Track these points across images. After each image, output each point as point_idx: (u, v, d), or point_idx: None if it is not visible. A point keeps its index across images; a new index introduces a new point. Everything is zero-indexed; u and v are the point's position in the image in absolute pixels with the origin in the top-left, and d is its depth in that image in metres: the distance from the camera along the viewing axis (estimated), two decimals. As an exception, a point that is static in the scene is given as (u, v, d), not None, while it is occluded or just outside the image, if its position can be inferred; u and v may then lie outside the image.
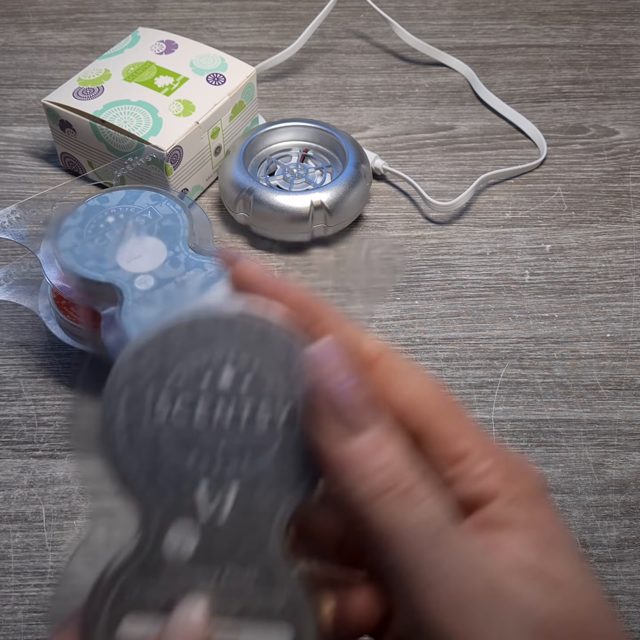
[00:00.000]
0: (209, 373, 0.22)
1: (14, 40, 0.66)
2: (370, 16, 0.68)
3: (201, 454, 0.22)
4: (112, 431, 0.22)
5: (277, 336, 0.22)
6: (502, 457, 0.22)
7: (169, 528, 0.22)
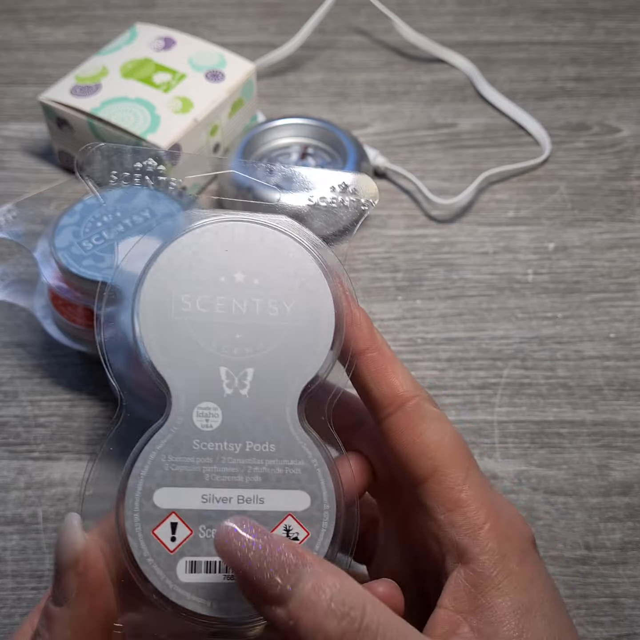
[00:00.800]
0: (223, 277, 0.26)
1: (10, 37, 0.66)
2: (371, 12, 0.67)
3: (220, 345, 0.25)
4: (138, 326, 0.25)
5: (285, 247, 0.26)
6: (498, 512, 0.24)
7: (194, 409, 0.25)
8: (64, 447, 0.42)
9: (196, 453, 0.24)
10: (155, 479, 0.24)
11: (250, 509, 0.24)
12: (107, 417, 0.43)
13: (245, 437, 0.25)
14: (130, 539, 0.23)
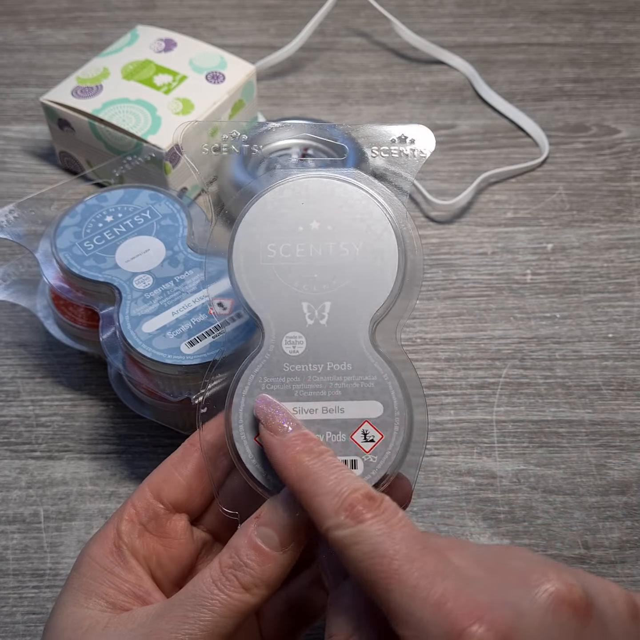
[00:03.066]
0: (300, 226, 0.30)
1: (12, 39, 0.66)
2: (371, 14, 0.67)
3: (301, 283, 0.30)
4: (234, 273, 0.30)
5: (355, 198, 0.31)
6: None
7: (283, 338, 0.29)
8: (66, 446, 0.42)
9: (286, 374, 0.29)
10: (254, 396, 0.29)
11: (333, 417, 0.29)
12: (108, 416, 0.43)
13: (326, 359, 0.29)
14: (237, 444, 0.28)
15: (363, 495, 0.24)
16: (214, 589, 0.26)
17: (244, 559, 0.26)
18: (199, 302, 0.38)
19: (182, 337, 0.37)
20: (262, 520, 0.27)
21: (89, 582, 0.28)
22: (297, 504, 0.26)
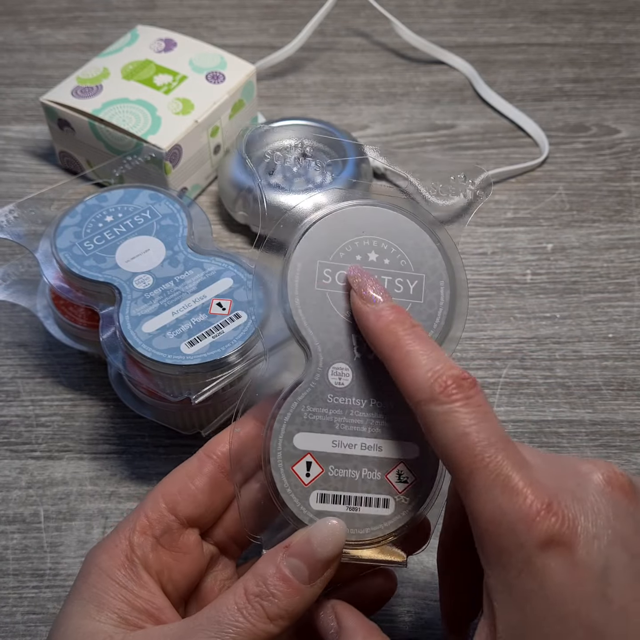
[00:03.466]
0: (359, 256, 0.30)
1: (12, 39, 0.66)
2: (371, 14, 0.67)
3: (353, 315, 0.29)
4: (287, 296, 0.29)
5: (409, 230, 0.30)
6: (503, 511, 0.24)
7: (330, 368, 0.29)
8: (66, 446, 0.42)
9: (329, 405, 0.29)
10: (295, 424, 0.28)
11: (370, 454, 0.29)
12: (108, 416, 0.43)
13: (370, 394, 0.29)
14: (274, 472, 0.28)
15: (457, 376, 0.25)
16: (239, 616, 0.25)
17: (271, 589, 0.26)
18: (199, 302, 0.38)
19: (182, 337, 0.37)
20: (292, 551, 0.26)
21: (100, 594, 0.27)
22: (328, 540, 0.27)
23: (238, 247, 0.52)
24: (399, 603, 0.37)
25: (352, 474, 0.29)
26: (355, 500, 0.29)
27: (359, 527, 0.28)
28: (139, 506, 0.30)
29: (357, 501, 0.29)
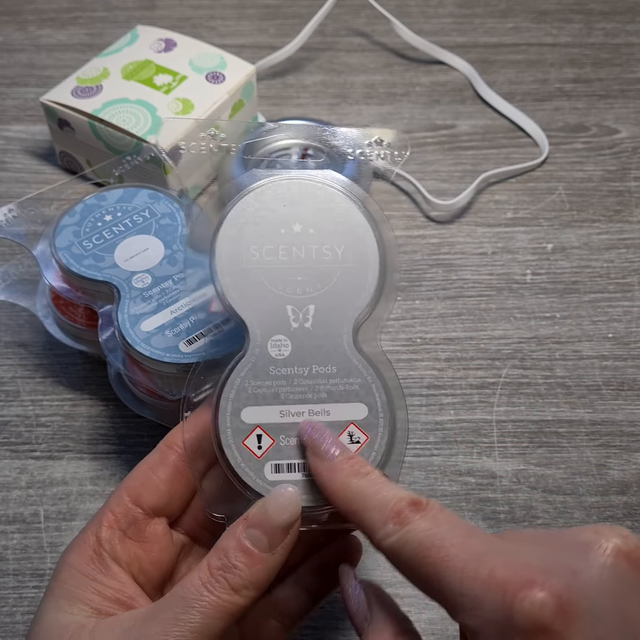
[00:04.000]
0: (283, 229, 0.30)
1: (12, 39, 0.66)
2: (371, 14, 0.67)
3: (285, 286, 0.30)
4: (217, 276, 0.30)
5: (333, 197, 0.31)
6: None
7: (269, 341, 0.29)
8: (66, 446, 0.42)
9: (272, 377, 0.29)
10: (241, 400, 0.29)
11: (319, 420, 0.29)
12: (108, 416, 0.43)
13: (311, 362, 0.30)
14: (226, 449, 0.29)
15: (408, 502, 0.25)
16: (204, 590, 0.26)
17: (232, 560, 0.26)
18: (198, 300, 0.38)
19: (180, 335, 0.37)
20: (250, 522, 0.27)
21: (70, 589, 0.28)
22: (284, 507, 0.27)
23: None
24: (399, 603, 0.37)
25: None
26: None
27: (317, 492, 0.28)
28: (104, 504, 0.30)
29: None
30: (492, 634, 0.21)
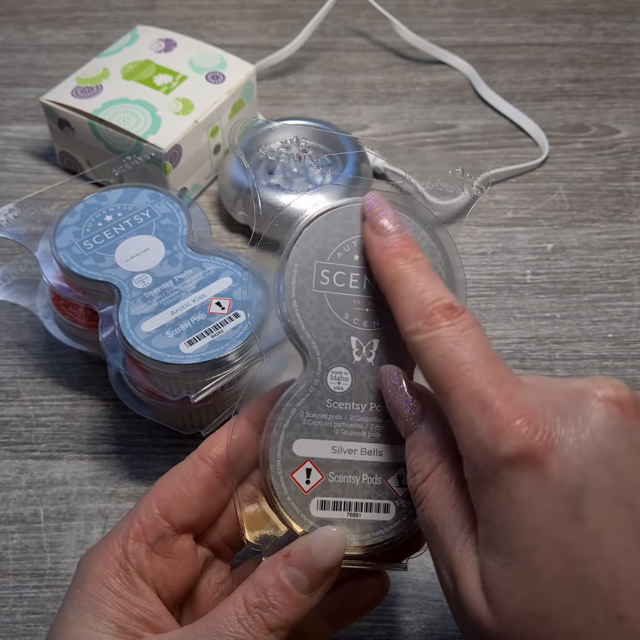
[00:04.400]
0: (356, 255, 0.29)
1: (12, 39, 0.66)
2: (371, 14, 0.67)
3: (352, 316, 0.28)
4: (284, 298, 0.28)
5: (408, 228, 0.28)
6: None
7: (329, 372, 0.28)
8: (65, 446, 0.42)
9: (329, 411, 0.28)
10: (294, 431, 0.28)
11: (370, 459, 0.28)
12: (108, 416, 0.43)
13: (369, 399, 0.28)
14: (274, 480, 0.28)
15: (444, 305, 0.25)
16: (240, 627, 0.25)
17: (271, 599, 0.26)
18: (198, 301, 0.38)
19: (181, 336, 0.37)
20: (291, 560, 0.26)
21: (96, 603, 0.27)
22: (329, 550, 0.26)
23: (238, 247, 0.52)
24: (399, 603, 0.37)
25: (353, 480, 0.28)
26: (356, 506, 0.28)
27: (360, 533, 0.28)
28: (133, 511, 0.29)
29: (358, 507, 0.28)
30: (479, 459, 0.23)
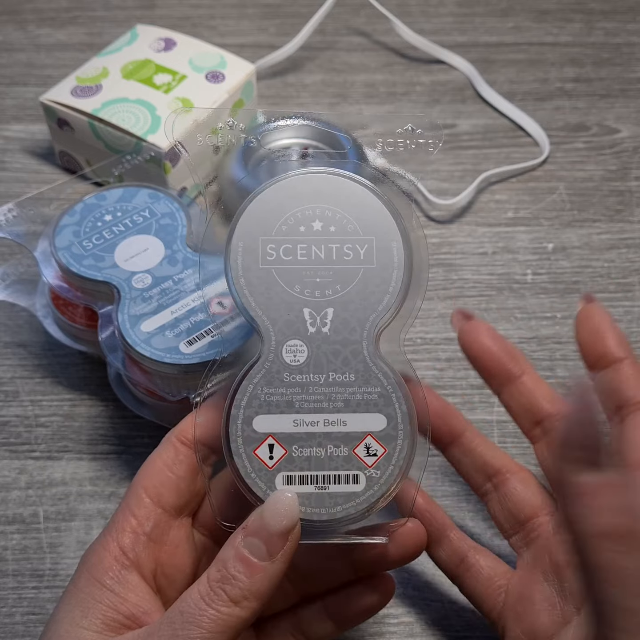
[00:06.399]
0: (302, 227, 0.28)
1: (11, 38, 0.66)
2: (371, 13, 0.67)
3: (303, 288, 0.28)
4: (231, 276, 0.28)
5: (353, 192, 0.29)
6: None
7: (283, 346, 0.28)
8: (65, 446, 0.42)
9: (287, 384, 0.28)
10: (253, 407, 0.28)
11: (335, 430, 0.28)
12: (107, 416, 0.43)
13: (328, 369, 0.28)
14: (236, 458, 0.27)
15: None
16: (202, 604, 0.25)
17: (231, 571, 0.25)
18: (198, 301, 0.38)
19: (180, 336, 0.36)
20: (248, 530, 0.26)
21: (86, 598, 0.27)
22: (281, 512, 0.26)
23: (238, 247, 0.52)
24: (399, 603, 0.37)
25: (318, 452, 0.28)
26: (323, 478, 0.28)
27: (330, 506, 0.28)
28: (123, 505, 0.29)
29: (325, 479, 0.28)
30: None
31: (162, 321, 0.37)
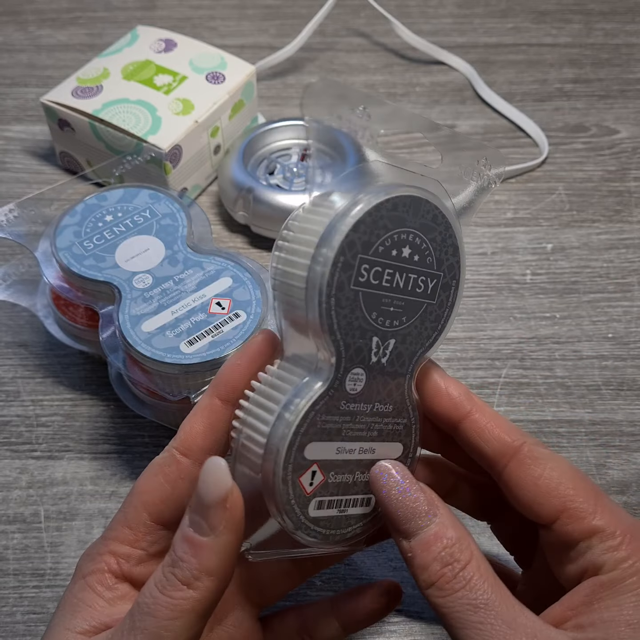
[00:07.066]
0: (394, 251, 0.27)
1: (12, 39, 0.66)
2: (371, 14, 0.67)
3: (378, 316, 0.27)
4: (323, 294, 0.25)
5: (441, 224, 0.28)
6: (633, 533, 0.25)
7: (349, 374, 0.27)
8: (66, 446, 0.42)
9: (341, 413, 0.27)
10: (309, 435, 0.26)
11: (365, 457, 0.28)
12: (108, 416, 0.43)
13: (375, 399, 0.28)
14: (282, 485, 0.26)
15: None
16: (156, 592, 0.24)
17: (179, 553, 0.24)
18: (198, 301, 0.38)
19: (181, 336, 0.37)
20: (190, 508, 0.25)
21: (78, 603, 0.27)
22: (211, 482, 0.24)
23: (238, 247, 0.52)
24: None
25: (347, 478, 0.28)
26: (345, 502, 0.28)
27: (344, 527, 0.28)
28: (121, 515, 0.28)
29: (346, 503, 0.28)
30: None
31: (162, 321, 0.37)
